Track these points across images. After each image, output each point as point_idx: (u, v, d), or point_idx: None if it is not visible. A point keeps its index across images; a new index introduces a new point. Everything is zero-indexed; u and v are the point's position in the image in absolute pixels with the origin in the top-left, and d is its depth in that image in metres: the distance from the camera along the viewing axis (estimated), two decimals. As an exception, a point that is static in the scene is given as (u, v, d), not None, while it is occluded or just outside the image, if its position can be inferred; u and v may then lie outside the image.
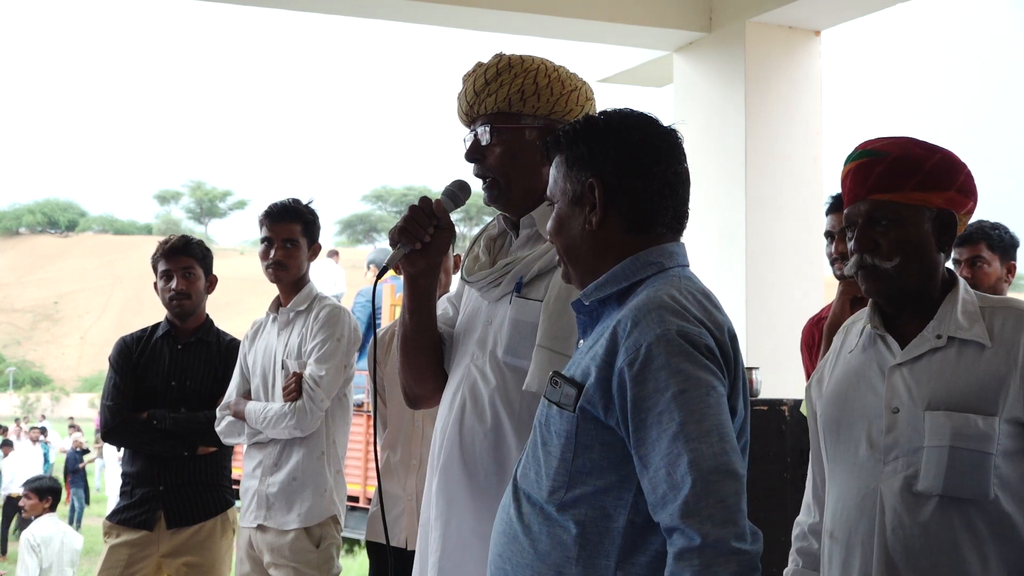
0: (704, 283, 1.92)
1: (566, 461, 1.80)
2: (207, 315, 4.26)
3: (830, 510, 2.20)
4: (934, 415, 2.05)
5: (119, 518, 4.08)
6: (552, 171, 1.97)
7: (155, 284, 4.23)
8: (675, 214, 1.92)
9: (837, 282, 3.46)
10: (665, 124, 1.93)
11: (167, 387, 4.11)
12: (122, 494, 4.15)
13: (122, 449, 4.45)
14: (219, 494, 4.15)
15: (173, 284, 4.11)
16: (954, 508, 2.03)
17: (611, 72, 7.08)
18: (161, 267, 4.15)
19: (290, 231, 3.84)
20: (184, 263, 4.13)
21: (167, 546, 4.03)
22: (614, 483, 1.78)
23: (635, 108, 1.96)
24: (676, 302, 1.79)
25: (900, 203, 2.12)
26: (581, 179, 1.90)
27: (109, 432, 4.16)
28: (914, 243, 2.12)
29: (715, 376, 1.75)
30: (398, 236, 2.25)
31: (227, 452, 4.23)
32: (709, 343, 1.77)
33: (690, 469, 1.67)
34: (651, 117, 1.94)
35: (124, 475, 4.18)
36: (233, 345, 4.23)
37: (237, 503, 4.07)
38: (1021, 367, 2.03)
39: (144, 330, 4.29)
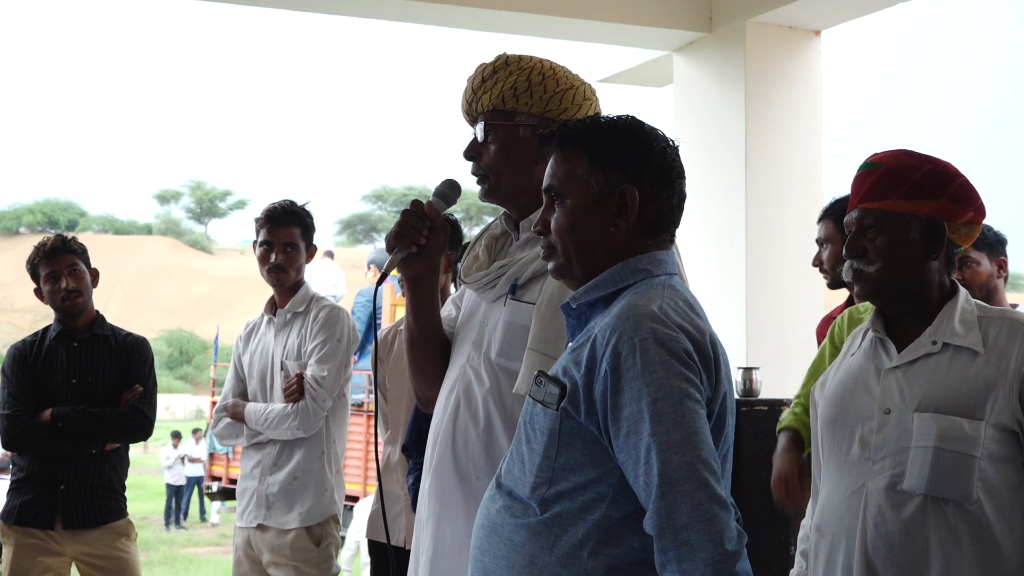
0: (699, 286, 1.96)
1: (549, 458, 1.83)
2: (97, 311, 4.18)
3: (820, 506, 2.26)
4: (922, 416, 2.10)
5: (16, 518, 3.95)
6: (561, 164, 1.95)
7: (36, 290, 4.13)
8: (677, 225, 1.99)
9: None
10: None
11: (68, 385, 4.02)
12: (15, 491, 4.01)
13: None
14: (118, 504, 4.06)
15: (63, 284, 4.04)
16: (936, 508, 2.07)
17: (611, 72, 7.07)
18: (44, 270, 4.06)
19: (290, 235, 3.82)
20: (68, 261, 4.07)
21: (72, 549, 3.93)
22: (594, 479, 1.80)
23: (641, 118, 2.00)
24: (657, 308, 1.81)
25: (886, 211, 2.18)
26: (613, 181, 1.90)
27: (11, 442, 4.02)
28: (897, 250, 2.18)
29: (691, 383, 1.76)
30: (394, 241, 2.27)
31: (126, 459, 4.14)
32: (687, 347, 1.78)
33: (660, 480, 1.70)
34: (663, 132, 1.99)
35: (16, 471, 4.04)
36: (131, 340, 4.15)
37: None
38: (1012, 375, 2.08)
39: (36, 334, 4.18)
